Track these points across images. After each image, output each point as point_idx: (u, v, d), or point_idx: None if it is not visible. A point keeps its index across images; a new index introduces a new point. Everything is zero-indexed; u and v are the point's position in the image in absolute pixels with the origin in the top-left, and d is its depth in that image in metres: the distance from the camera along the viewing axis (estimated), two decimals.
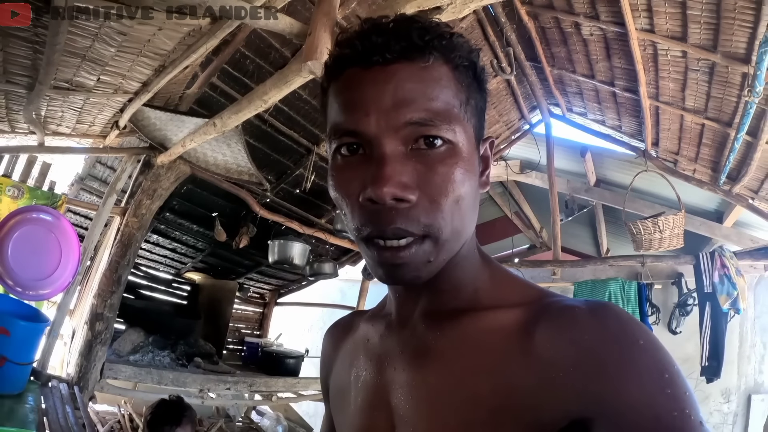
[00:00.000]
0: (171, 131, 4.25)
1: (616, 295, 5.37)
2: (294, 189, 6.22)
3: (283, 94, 2.86)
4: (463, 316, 0.87)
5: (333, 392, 1.15)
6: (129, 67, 3.15)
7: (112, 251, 4.72)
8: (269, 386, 6.07)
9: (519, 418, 0.75)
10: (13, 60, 2.95)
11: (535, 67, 5.69)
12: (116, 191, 4.87)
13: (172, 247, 7.07)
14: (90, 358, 4.49)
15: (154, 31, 2.68)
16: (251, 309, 8.72)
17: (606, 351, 0.71)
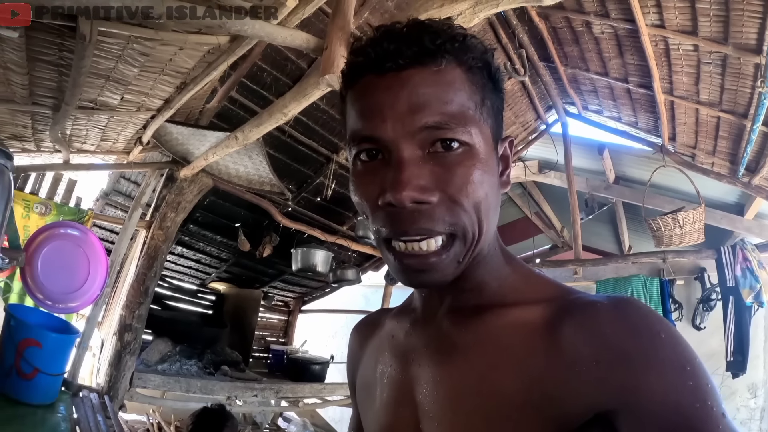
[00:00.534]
0: (193, 145, 4.30)
1: (639, 292, 5.33)
2: (315, 197, 6.26)
3: (303, 106, 2.90)
4: (487, 313, 0.88)
5: (359, 389, 1.17)
6: (151, 86, 3.19)
7: (139, 263, 4.80)
8: (295, 392, 6.10)
9: (543, 412, 0.76)
10: (39, 83, 3.01)
11: (548, 67, 5.68)
12: (141, 205, 4.94)
13: (196, 258, 7.14)
14: (119, 368, 4.57)
15: (176, 50, 2.73)
16: (276, 317, 8.76)
17: (628, 345, 0.72)
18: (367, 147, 0.82)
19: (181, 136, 4.17)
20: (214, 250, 7.00)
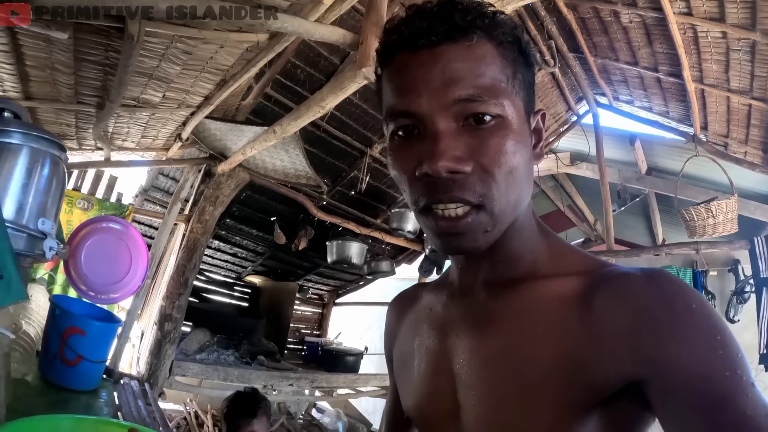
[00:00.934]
0: (230, 140, 4.39)
1: None
2: (349, 191, 6.29)
3: (340, 99, 2.95)
4: (522, 285, 0.91)
5: (397, 361, 1.21)
6: (192, 83, 3.27)
7: (179, 256, 4.91)
8: (330, 382, 6.17)
9: (576, 381, 0.79)
10: (85, 82, 3.10)
11: (578, 58, 5.62)
12: (180, 200, 5.05)
13: (233, 251, 7.23)
14: (159, 357, 4.69)
15: (217, 48, 2.80)
16: (310, 310, 8.84)
17: (660, 315, 0.74)
18: (404, 122, 0.85)
19: (219, 132, 4.26)
20: (250, 244, 7.08)
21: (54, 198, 1.45)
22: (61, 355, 2.59)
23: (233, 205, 5.75)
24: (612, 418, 0.81)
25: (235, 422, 2.80)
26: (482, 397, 0.90)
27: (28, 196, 1.33)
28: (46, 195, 1.39)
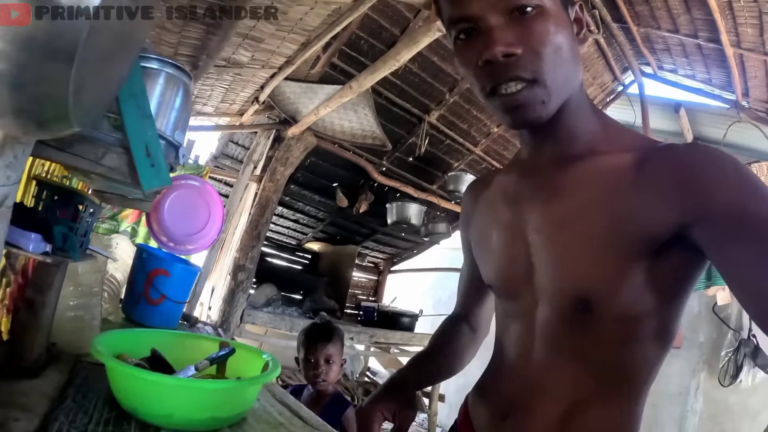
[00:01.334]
0: (302, 104, 4.63)
1: None
2: (407, 157, 6.46)
3: (413, 53, 3.15)
4: (583, 160, 1.07)
5: (475, 240, 1.37)
6: (279, 44, 3.43)
7: (252, 211, 5.19)
8: (387, 338, 6.36)
9: (631, 234, 0.96)
10: (186, 42, 3.24)
11: (622, 28, 5.59)
12: (253, 161, 5.35)
13: (295, 218, 7.46)
14: (232, 304, 5.00)
15: (307, 10, 2.94)
16: (366, 276, 9.03)
17: (702, 168, 0.91)
18: (462, 26, 1.02)
19: (293, 95, 4.52)
20: (311, 210, 7.29)
21: (184, 117, 1.64)
22: (146, 295, 2.73)
23: (298, 171, 5.95)
24: (664, 266, 0.97)
25: (311, 347, 2.92)
26: (553, 257, 1.07)
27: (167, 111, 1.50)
28: (180, 113, 1.57)
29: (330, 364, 2.90)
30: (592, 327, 1.04)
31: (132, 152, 1.24)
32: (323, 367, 2.87)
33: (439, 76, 5.51)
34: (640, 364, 1.06)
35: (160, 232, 3.77)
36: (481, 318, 1.59)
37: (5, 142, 0.88)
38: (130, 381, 1.25)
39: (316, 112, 4.46)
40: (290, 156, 5.30)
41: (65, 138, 1.17)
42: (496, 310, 1.36)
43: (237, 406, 1.36)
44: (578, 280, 1.03)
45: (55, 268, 1.51)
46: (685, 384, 5.95)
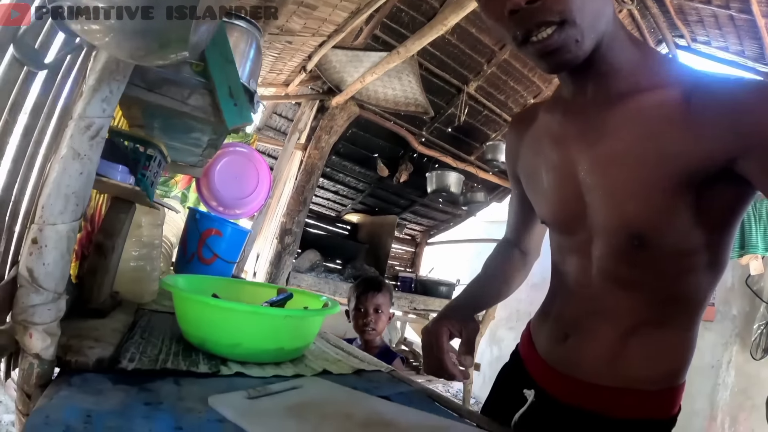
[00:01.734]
0: (347, 72, 4.67)
1: (748, 213, 5.19)
2: (446, 127, 6.46)
3: (460, 17, 3.15)
4: (628, 98, 1.05)
5: (525, 176, 1.38)
6: (330, 12, 3.45)
7: (298, 177, 5.25)
8: (426, 305, 6.42)
9: (682, 169, 0.96)
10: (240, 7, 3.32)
11: (655, 0, 5.47)
12: (298, 129, 5.42)
13: (335, 189, 7.48)
14: (279, 267, 5.09)
15: None
16: (404, 248, 9.06)
17: (751, 100, 0.90)
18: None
19: (339, 64, 4.56)
20: (351, 181, 7.31)
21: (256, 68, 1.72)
22: (199, 254, 2.82)
23: (339, 142, 6.00)
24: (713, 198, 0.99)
25: (362, 296, 2.99)
26: (606, 196, 1.09)
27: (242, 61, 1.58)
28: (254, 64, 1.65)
29: (379, 313, 2.97)
30: (647, 260, 1.07)
31: (216, 93, 1.30)
32: (372, 316, 2.94)
33: (477, 47, 5.49)
34: (693, 292, 1.11)
35: (210, 197, 3.83)
36: (531, 243, 1.63)
37: (102, 78, 0.93)
38: (202, 310, 1.30)
39: (362, 79, 4.49)
40: (334, 124, 5.36)
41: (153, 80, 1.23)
42: (551, 240, 1.37)
43: (301, 338, 1.41)
44: (631, 218, 1.05)
45: (123, 215, 1.57)
46: (717, 357, 5.89)
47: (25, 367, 0.91)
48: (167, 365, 1.14)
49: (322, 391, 1.17)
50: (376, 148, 6.76)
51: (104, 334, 1.19)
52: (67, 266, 0.94)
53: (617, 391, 1.15)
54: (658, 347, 1.13)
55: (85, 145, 0.92)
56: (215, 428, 0.85)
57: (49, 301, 0.91)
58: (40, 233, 0.89)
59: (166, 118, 1.66)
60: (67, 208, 0.91)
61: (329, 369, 1.40)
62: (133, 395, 0.93)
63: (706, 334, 5.92)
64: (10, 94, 0.96)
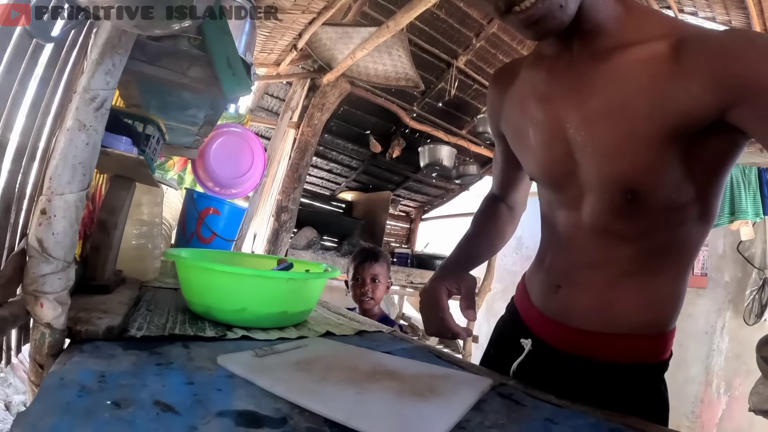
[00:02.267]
0: (338, 50, 4.65)
1: (738, 178, 5.23)
2: (437, 102, 6.44)
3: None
4: (615, 53, 1.03)
5: (510, 135, 1.37)
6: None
7: (292, 155, 5.25)
8: (423, 278, 6.39)
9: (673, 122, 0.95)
10: None
11: None
12: (290, 108, 5.43)
13: (328, 167, 7.51)
14: (277, 244, 5.10)
15: None
16: (399, 225, 9.11)
17: (739, 49, 0.89)
18: None
19: (329, 41, 4.55)
20: (345, 159, 7.33)
21: (252, 42, 1.74)
22: (198, 233, 2.82)
23: (331, 120, 6.01)
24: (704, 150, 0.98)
25: (359, 266, 3.02)
26: (598, 153, 1.08)
27: (239, 34, 1.61)
28: (249, 37, 1.66)
29: (376, 282, 2.99)
30: (639, 214, 1.08)
31: (215, 64, 1.33)
32: (369, 285, 2.97)
33: (466, 21, 5.48)
34: (684, 242, 1.13)
35: (206, 177, 3.85)
36: (517, 197, 1.64)
37: (105, 52, 0.95)
38: (207, 276, 1.33)
39: (353, 55, 4.49)
40: (326, 102, 5.36)
41: (153, 53, 1.25)
42: (540, 195, 1.38)
43: (304, 302, 1.44)
44: (624, 173, 1.05)
45: (124, 192, 1.59)
46: (711, 323, 5.93)
47: (37, 337, 0.93)
48: (175, 332, 1.17)
49: (326, 348, 1.20)
50: (368, 125, 6.76)
51: (111, 307, 1.22)
52: (76, 235, 0.96)
53: (610, 337, 1.18)
54: (649, 295, 1.14)
55: (91, 116, 0.94)
56: (225, 382, 0.87)
57: (59, 270, 0.93)
58: (48, 204, 0.91)
59: (163, 95, 1.67)
60: (74, 178, 0.93)
61: (332, 331, 1.43)
62: (144, 358, 0.95)
63: (699, 301, 5.97)
64: (20, 66, 0.98)
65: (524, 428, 0.83)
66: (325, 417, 0.76)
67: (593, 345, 1.20)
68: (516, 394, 1.02)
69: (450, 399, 0.89)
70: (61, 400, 0.70)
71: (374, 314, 2.97)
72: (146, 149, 1.54)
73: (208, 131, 2.22)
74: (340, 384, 0.91)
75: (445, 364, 1.22)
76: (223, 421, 0.70)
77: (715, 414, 5.85)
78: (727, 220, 5.24)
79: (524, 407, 0.94)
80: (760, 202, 5.15)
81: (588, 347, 1.20)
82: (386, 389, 0.91)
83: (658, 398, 1.19)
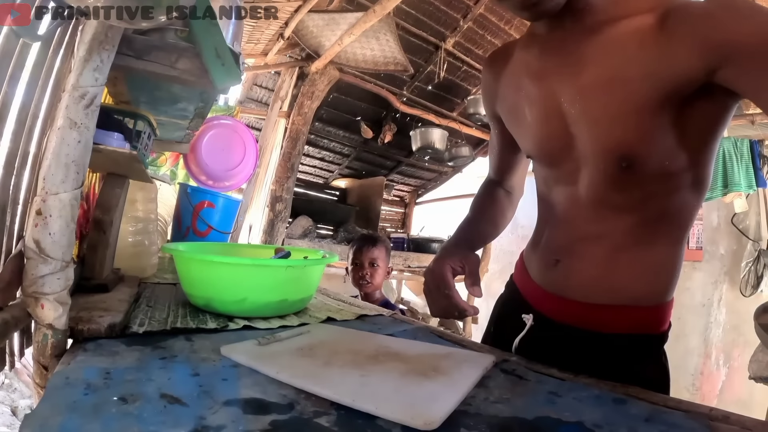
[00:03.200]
0: (325, 37, 4.63)
1: (730, 151, 5.26)
2: (426, 85, 6.41)
3: None
4: (604, 28, 1.07)
5: (506, 114, 1.39)
6: None
7: (284, 145, 5.23)
8: (420, 261, 6.45)
9: (664, 89, 0.99)
10: None
11: None
12: (280, 98, 5.40)
13: (320, 155, 7.47)
14: (272, 234, 5.09)
15: None
16: (394, 210, 9.11)
17: (721, 13, 0.93)
18: None
19: (316, 29, 4.53)
20: (336, 146, 7.31)
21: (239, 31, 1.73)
22: (194, 228, 2.84)
23: (321, 107, 5.98)
24: (696, 114, 1.02)
25: (358, 251, 3.04)
26: (593, 124, 1.11)
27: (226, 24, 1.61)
28: (236, 27, 1.66)
29: (375, 267, 3.02)
30: (635, 183, 1.11)
31: (203, 55, 1.32)
32: (368, 269, 3.00)
33: (452, 2, 5.44)
34: (679, 211, 1.15)
35: (199, 171, 3.84)
36: (514, 181, 1.66)
37: (92, 48, 0.95)
38: (206, 268, 1.33)
39: (340, 42, 4.47)
40: (315, 90, 5.34)
41: (141, 48, 1.25)
42: (536, 173, 1.40)
43: (303, 289, 1.45)
44: (619, 141, 1.07)
45: (118, 190, 1.59)
46: (708, 296, 5.98)
47: (39, 339, 0.94)
48: (177, 325, 1.17)
49: (329, 334, 1.21)
50: (358, 111, 6.74)
51: (112, 305, 1.23)
52: (72, 234, 0.96)
53: (610, 309, 1.20)
54: (646, 265, 1.17)
55: (81, 114, 0.94)
56: (230, 372, 0.88)
57: (57, 270, 0.93)
58: (43, 204, 0.91)
59: (152, 90, 1.66)
60: (68, 176, 0.92)
61: (333, 317, 1.45)
62: (148, 353, 0.96)
63: (695, 274, 6.02)
64: (8, 67, 0.98)
65: (529, 402, 0.84)
66: (332, 400, 0.77)
67: (594, 317, 1.22)
68: (519, 369, 1.03)
69: (454, 377, 0.90)
70: (68, 399, 0.70)
71: (375, 299, 2.99)
72: (138, 145, 1.54)
73: (198, 124, 2.22)
74: (344, 367, 0.92)
75: (448, 343, 1.23)
76: (230, 410, 0.71)
77: (715, 385, 5.91)
78: (721, 192, 5.26)
79: (528, 382, 0.95)
80: (752, 174, 5.17)
81: (589, 319, 1.22)
82: (390, 370, 0.92)
83: (660, 368, 1.22)
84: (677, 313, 1.28)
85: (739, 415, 0.78)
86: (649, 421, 0.76)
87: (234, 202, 3.30)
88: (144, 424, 0.64)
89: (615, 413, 0.80)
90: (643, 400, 0.87)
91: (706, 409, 0.81)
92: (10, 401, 4.31)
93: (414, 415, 0.71)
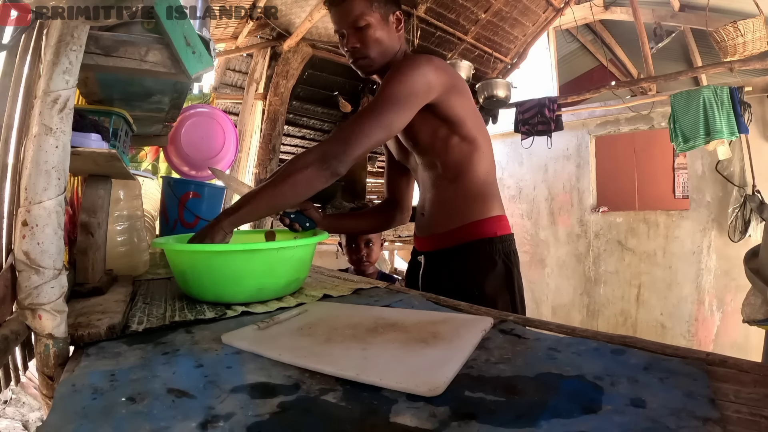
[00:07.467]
0: (295, 14, 4.62)
1: (710, 99, 5.31)
2: None
3: None
4: None
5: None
6: None
7: (263, 127, 5.21)
8: (410, 229, 6.24)
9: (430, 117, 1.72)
10: None
11: None
12: (254, 80, 5.38)
13: (301, 134, 7.40)
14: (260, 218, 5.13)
15: None
16: (379, 181, 8.92)
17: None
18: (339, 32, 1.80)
19: (284, 7, 4.51)
20: (316, 123, 7.26)
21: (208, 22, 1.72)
22: (181, 219, 2.82)
23: (297, 86, 5.96)
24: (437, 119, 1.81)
25: None
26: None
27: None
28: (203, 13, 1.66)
29: (370, 246, 3.06)
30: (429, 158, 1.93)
31: (173, 45, 1.32)
32: (364, 250, 3.04)
33: None
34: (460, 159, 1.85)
35: (181, 162, 3.85)
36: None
37: (59, 51, 0.94)
38: (198, 259, 1.34)
39: (310, 18, 4.44)
40: (290, 68, 5.30)
41: (108, 45, 1.25)
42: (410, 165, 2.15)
43: (298, 269, 1.46)
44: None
45: (102, 191, 1.58)
46: (697, 244, 6.08)
47: (41, 350, 0.94)
48: (175, 319, 1.18)
49: (327, 311, 1.23)
50: (335, 86, 6.70)
51: (109, 307, 1.23)
52: (61, 241, 0.96)
53: (456, 230, 1.88)
54: (459, 198, 1.87)
55: (55, 118, 0.93)
56: (233, 359, 0.89)
57: (50, 278, 0.93)
58: (28, 214, 0.90)
59: (125, 86, 1.65)
60: (50, 183, 0.92)
61: (329, 293, 1.47)
62: (150, 350, 0.97)
63: (684, 223, 6.14)
64: None
65: (529, 360, 0.86)
66: (336, 376, 0.79)
67: (450, 238, 1.90)
68: (517, 328, 1.05)
69: (454, 341, 0.92)
70: (77, 406, 0.71)
71: (370, 273, 3.03)
72: (116, 143, 1.54)
73: (175, 115, 2.21)
74: (345, 343, 0.94)
75: (445, 309, 1.25)
76: (238, 397, 0.72)
77: (710, 331, 6.01)
78: (703, 141, 5.35)
79: (526, 340, 0.97)
80: (734, 121, 5.24)
81: (447, 242, 1.91)
82: (391, 341, 0.94)
83: (501, 259, 1.83)
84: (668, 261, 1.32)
85: (736, 359, 0.80)
86: (648, 369, 0.78)
87: (219, 189, 3.27)
88: (155, 421, 0.65)
89: (614, 364, 0.81)
90: (641, 348, 0.89)
91: (703, 355, 0.83)
92: (20, 416, 4.33)
93: (418, 383, 0.72)
